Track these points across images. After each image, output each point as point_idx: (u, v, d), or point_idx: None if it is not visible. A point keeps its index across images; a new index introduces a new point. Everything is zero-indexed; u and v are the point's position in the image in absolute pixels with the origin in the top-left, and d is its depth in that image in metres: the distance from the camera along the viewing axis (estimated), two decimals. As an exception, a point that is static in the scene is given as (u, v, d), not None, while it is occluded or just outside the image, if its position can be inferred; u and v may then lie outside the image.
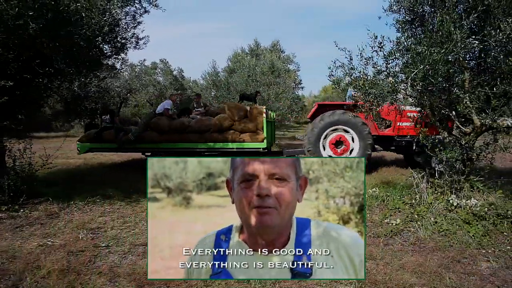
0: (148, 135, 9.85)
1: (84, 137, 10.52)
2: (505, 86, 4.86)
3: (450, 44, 4.74)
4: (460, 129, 5.69)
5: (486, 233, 5.05)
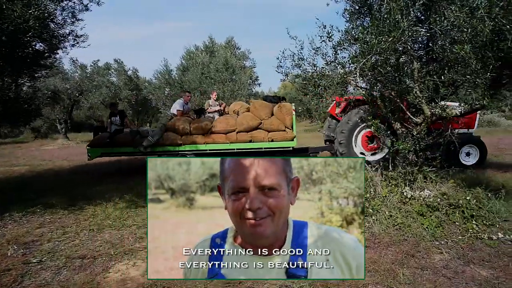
0: (168, 137, 9.23)
1: (95, 141, 9.81)
2: (452, 75, 4.78)
3: (397, 33, 4.60)
4: (411, 120, 5.59)
5: (439, 224, 4.97)
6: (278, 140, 9.09)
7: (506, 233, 4.75)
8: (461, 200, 5.29)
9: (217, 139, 9.17)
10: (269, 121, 9.16)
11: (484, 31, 4.27)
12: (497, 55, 4.28)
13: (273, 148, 9.15)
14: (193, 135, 9.19)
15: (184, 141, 9.18)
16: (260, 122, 9.17)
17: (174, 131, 9.24)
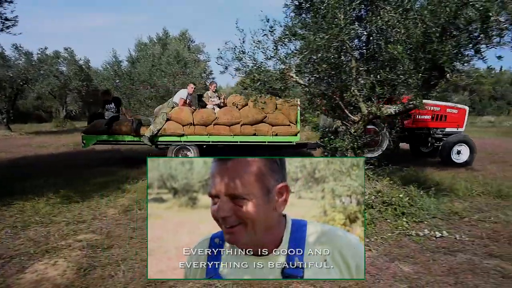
0: (170, 127, 9.05)
1: (90, 128, 9.39)
2: (387, 74, 4.84)
3: (335, 30, 4.60)
4: (349, 118, 5.64)
5: (371, 221, 5.05)
6: (282, 134, 9.12)
7: (432, 229, 4.88)
8: (394, 197, 5.40)
9: (221, 130, 9.07)
10: (274, 115, 9.16)
11: (416, 33, 4.35)
12: (428, 57, 4.37)
13: (276, 142, 9.18)
14: (196, 126, 9.07)
15: (186, 131, 9.06)
16: (265, 115, 9.13)
17: (177, 120, 9.10)
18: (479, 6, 3.80)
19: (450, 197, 6.31)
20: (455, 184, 7.16)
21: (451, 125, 10.32)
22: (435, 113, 10.26)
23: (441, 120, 10.30)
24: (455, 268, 3.89)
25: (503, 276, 3.76)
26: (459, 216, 5.47)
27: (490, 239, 4.67)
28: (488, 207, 6.02)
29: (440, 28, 4.15)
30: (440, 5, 4.11)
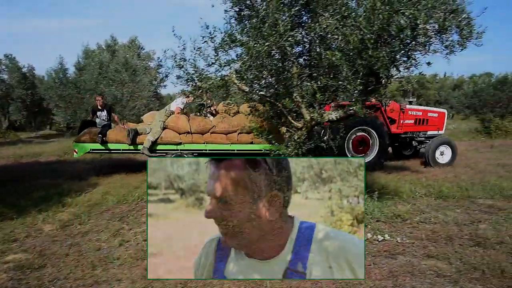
0: (167, 135, 8.85)
1: (83, 137, 8.96)
2: (328, 80, 4.88)
3: (275, 36, 4.58)
4: (293, 124, 5.64)
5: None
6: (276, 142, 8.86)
7: (375, 233, 4.94)
8: (339, 201, 5.43)
9: (218, 139, 8.94)
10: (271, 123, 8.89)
11: (353, 40, 4.41)
12: (365, 63, 4.43)
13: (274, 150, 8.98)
14: (193, 134, 8.91)
15: (183, 140, 8.90)
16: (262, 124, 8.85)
17: (174, 129, 8.93)
18: (408, 14, 3.90)
19: (394, 200, 6.44)
20: (400, 187, 7.34)
21: (432, 128, 10.94)
22: (417, 117, 10.80)
23: (423, 124, 10.87)
24: (394, 271, 3.93)
25: (438, 275, 3.84)
26: (401, 219, 5.58)
27: (429, 240, 4.78)
28: (429, 208, 6.19)
29: (374, 35, 4.22)
30: (374, 13, 4.18)
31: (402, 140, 10.90)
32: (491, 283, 3.69)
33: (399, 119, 10.63)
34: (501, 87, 18.79)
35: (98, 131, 8.92)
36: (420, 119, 10.86)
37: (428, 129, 10.97)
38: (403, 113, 10.56)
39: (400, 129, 10.66)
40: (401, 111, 10.59)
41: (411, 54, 4.36)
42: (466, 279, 3.77)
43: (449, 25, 4.24)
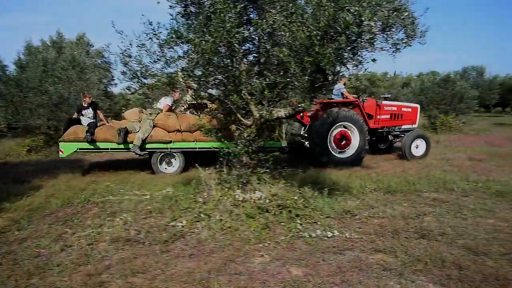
0: (157, 133, 8.76)
1: (70, 136, 8.60)
2: (276, 77, 4.84)
3: (220, 33, 4.48)
4: (242, 122, 5.57)
5: (266, 225, 5.01)
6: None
7: (325, 229, 4.97)
8: (289, 200, 5.43)
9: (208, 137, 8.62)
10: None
11: (300, 36, 4.38)
12: (312, 60, 4.42)
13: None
14: (182, 132, 8.90)
15: (173, 138, 8.85)
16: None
17: (163, 127, 8.86)
18: (353, 11, 3.92)
19: (344, 196, 6.52)
20: (350, 183, 7.46)
21: (406, 122, 11.48)
22: (393, 112, 11.26)
23: (398, 118, 11.36)
24: (343, 267, 3.96)
25: (384, 269, 3.90)
26: (351, 214, 5.65)
27: (377, 235, 4.87)
28: (378, 203, 6.31)
29: (321, 32, 4.22)
30: (320, 9, 4.18)
31: (379, 134, 11.34)
32: (433, 273, 3.80)
33: (375, 115, 11.01)
34: (444, 85, 19.65)
35: (86, 129, 8.64)
36: (395, 114, 11.32)
37: (403, 123, 11.49)
38: (379, 109, 10.99)
39: (377, 124, 11.06)
40: (377, 107, 11.01)
41: (357, 51, 4.40)
42: (410, 271, 3.85)
43: (393, 22, 4.31)
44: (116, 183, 7.83)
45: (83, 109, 9.32)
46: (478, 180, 7.70)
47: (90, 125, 8.82)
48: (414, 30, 5.09)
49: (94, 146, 8.71)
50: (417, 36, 5.20)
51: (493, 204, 6.15)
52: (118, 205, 6.21)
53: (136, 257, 4.24)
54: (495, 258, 4.13)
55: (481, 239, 4.68)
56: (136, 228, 5.09)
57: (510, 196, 6.47)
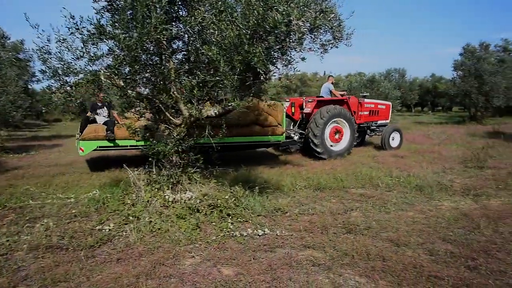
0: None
1: (89, 134, 8.63)
2: (205, 75, 4.77)
3: (147, 29, 4.33)
4: (172, 121, 5.44)
5: (197, 226, 4.94)
6: (271, 134, 10.06)
7: (256, 228, 4.99)
8: (220, 199, 5.39)
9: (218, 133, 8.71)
10: (265, 117, 9.98)
11: (229, 35, 4.35)
12: (242, 59, 4.41)
13: (267, 142, 10.25)
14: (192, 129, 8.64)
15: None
16: (256, 118, 9.85)
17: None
18: (282, 11, 3.95)
19: (275, 194, 6.61)
20: (281, 181, 7.57)
21: (382, 118, 12.96)
22: (371, 109, 12.63)
23: (376, 114, 12.80)
24: (273, 264, 3.99)
25: (314, 264, 3.99)
26: (281, 212, 5.73)
27: (307, 231, 4.97)
28: (308, 200, 6.47)
29: (250, 31, 4.21)
30: (249, 8, 4.17)
31: (361, 129, 12.53)
32: (359, 266, 3.94)
33: (357, 111, 12.20)
34: (370, 85, 20.76)
35: (105, 128, 8.74)
36: (373, 111, 12.71)
37: (379, 119, 12.93)
38: (360, 106, 12.27)
39: (359, 119, 12.21)
40: (359, 104, 12.28)
41: (286, 50, 4.45)
42: (338, 265, 3.97)
43: (320, 24, 4.41)
44: (37, 186, 7.37)
45: (98, 108, 9.42)
46: (400, 175, 8.14)
47: (109, 123, 8.88)
48: (341, 32, 5.28)
49: (114, 143, 8.86)
50: (344, 38, 5.40)
51: (413, 198, 6.54)
52: (39, 210, 5.83)
53: (58, 265, 3.98)
54: (414, 248, 4.38)
55: (402, 231, 4.94)
56: (58, 234, 4.79)
57: (427, 190, 6.90)
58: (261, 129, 9.95)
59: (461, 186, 7.28)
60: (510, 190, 6.88)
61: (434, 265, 3.94)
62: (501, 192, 6.81)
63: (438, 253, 4.25)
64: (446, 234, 4.84)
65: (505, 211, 5.64)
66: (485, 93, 21.91)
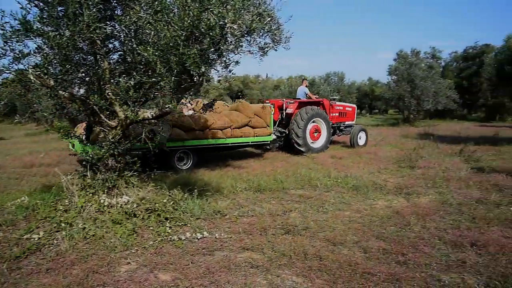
0: (175, 132, 9.41)
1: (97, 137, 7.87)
2: (141, 77, 4.65)
3: (78, 27, 4.15)
4: (107, 123, 5.26)
5: (134, 231, 4.80)
6: (261, 135, 10.99)
7: (195, 231, 4.93)
8: (158, 203, 5.28)
9: (217, 134, 10.10)
10: (255, 119, 10.92)
11: (166, 35, 4.27)
12: (178, 60, 4.35)
13: (257, 142, 11.13)
14: (196, 131, 9.72)
15: (188, 136, 9.61)
16: (249, 120, 10.75)
17: (180, 127, 9.51)
18: (217, 13, 3.94)
19: (215, 197, 6.57)
20: (222, 183, 7.55)
21: (349, 119, 14.13)
22: (340, 111, 13.78)
23: (344, 116, 13.95)
24: (212, 268, 3.96)
25: (252, 266, 4.00)
26: (221, 214, 5.71)
27: (246, 233, 4.98)
28: (248, 202, 6.49)
29: (185, 32, 4.16)
30: (184, 9, 4.13)
31: (333, 129, 13.36)
32: (296, 266, 4.01)
33: (329, 113, 13.13)
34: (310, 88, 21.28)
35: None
36: (342, 112, 13.88)
37: (347, 120, 14.06)
38: (332, 108, 13.33)
39: (331, 120, 13.05)
40: (331, 106, 13.30)
41: (222, 52, 4.44)
42: (276, 266, 4.01)
43: (256, 27, 4.44)
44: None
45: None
46: (338, 176, 8.39)
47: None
48: (280, 35, 5.35)
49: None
50: (282, 42, 5.48)
51: (350, 198, 6.75)
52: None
53: (-24, 280, 3.71)
54: (350, 247, 4.52)
55: (339, 230, 5.08)
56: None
57: (363, 190, 7.16)
58: (253, 130, 10.88)
59: (394, 185, 7.61)
60: (437, 188, 7.29)
61: (367, 262, 4.09)
62: (430, 190, 7.20)
63: (371, 250, 4.41)
64: (379, 231, 5.04)
65: (432, 208, 5.97)
66: (417, 97, 23.16)
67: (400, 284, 3.62)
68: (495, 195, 6.57)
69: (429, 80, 22.93)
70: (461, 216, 5.61)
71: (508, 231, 4.97)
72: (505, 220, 5.36)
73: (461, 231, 4.98)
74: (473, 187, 7.28)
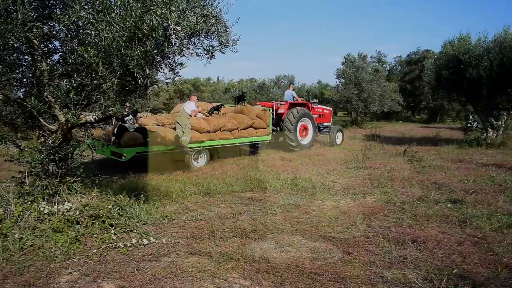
0: (193, 135, 10.06)
1: (129, 141, 9.14)
2: (82, 79, 4.48)
3: (10, 25, 3.93)
4: (46, 127, 5.02)
5: (76, 239, 4.60)
6: (262, 135, 12.31)
7: (141, 237, 4.80)
8: (103, 209, 5.10)
9: (227, 135, 11.24)
10: (258, 121, 12.21)
11: (108, 36, 4.14)
12: (121, 62, 4.22)
13: (259, 141, 12.56)
14: (210, 133, 10.65)
15: (204, 138, 10.49)
16: (253, 122, 12.04)
17: (197, 130, 10.29)
18: (160, 14, 3.87)
19: (163, 201, 6.44)
20: (170, 187, 7.41)
21: (326, 120, 15.52)
22: (319, 113, 15.15)
23: (323, 117, 15.33)
24: (158, 274, 3.87)
25: (199, 271, 3.95)
26: (168, 219, 5.60)
27: (194, 238, 4.91)
28: (196, 206, 6.41)
29: (128, 33, 4.05)
30: (126, 9, 4.01)
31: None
32: (244, 269, 4.00)
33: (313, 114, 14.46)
34: (260, 91, 21.51)
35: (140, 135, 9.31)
36: (321, 114, 15.24)
37: (325, 121, 15.42)
38: (313, 110, 14.66)
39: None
40: (313, 108, 14.62)
41: (166, 54, 4.36)
42: (223, 270, 3.98)
43: (201, 29, 4.39)
44: None
45: (125, 115, 9.78)
46: (288, 178, 8.48)
47: (139, 129, 9.62)
48: (227, 38, 5.32)
49: (150, 149, 9.45)
50: (230, 44, 5.45)
51: (298, 199, 6.84)
52: None
53: None
54: (297, 248, 4.57)
55: (287, 231, 5.13)
56: None
57: (312, 191, 7.28)
58: (255, 131, 12.10)
59: (342, 186, 7.80)
60: (382, 188, 7.54)
61: (314, 262, 4.15)
62: (375, 190, 7.44)
63: (318, 250, 4.48)
64: (326, 232, 5.13)
65: (377, 207, 6.17)
66: (364, 100, 23.90)
67: (345, 282, 3.70)
68: (434, 193, 6.90)
69: (375, 83, 23.75)
70: (404, 214, 5.83)
71: (444, 226, 5.24)
72: (443, 216, 5.64)
73: (403, 228, 5.18)
74: (415, 186, 7.60)
